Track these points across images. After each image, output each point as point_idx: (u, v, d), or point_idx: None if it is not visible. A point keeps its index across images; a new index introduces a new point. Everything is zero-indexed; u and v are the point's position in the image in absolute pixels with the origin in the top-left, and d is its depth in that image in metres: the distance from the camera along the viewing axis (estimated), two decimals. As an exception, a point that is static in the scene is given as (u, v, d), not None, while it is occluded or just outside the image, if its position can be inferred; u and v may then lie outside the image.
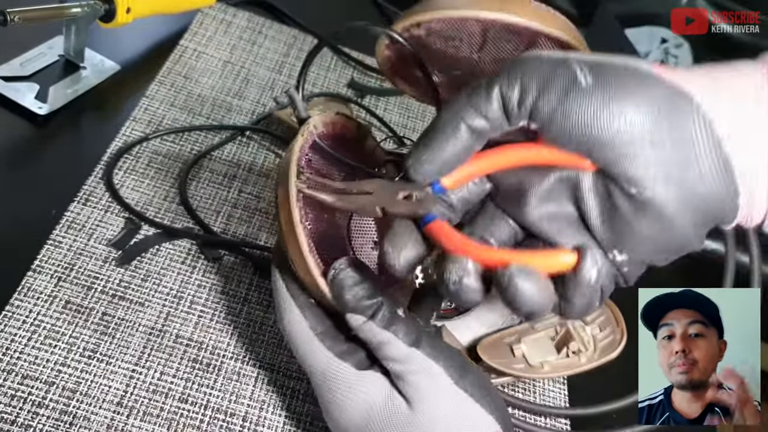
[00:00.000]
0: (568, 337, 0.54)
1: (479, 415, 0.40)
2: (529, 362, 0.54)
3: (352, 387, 0.40)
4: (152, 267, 0.53)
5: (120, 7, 0.64)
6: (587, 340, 0.54)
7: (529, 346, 0.54)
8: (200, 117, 0.66)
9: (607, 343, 0.55)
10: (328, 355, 0.41)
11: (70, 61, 0.66)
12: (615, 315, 0.56)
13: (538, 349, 0.55)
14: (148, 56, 0.71)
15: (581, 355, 0.54)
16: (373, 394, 0.40)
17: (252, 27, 0.79)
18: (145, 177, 0.59)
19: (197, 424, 0.46)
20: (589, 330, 0.55)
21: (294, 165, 0.41)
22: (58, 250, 0.51)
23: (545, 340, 0.55)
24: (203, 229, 0.57)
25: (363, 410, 0.40)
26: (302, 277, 0.41)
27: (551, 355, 0.54)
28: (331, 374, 0.41)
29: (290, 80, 0.75)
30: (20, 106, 0.60)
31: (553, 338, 0.55)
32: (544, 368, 0.54)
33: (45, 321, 0.48)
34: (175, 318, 0.51)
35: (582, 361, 0.54)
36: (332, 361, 0.41)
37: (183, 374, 0.48)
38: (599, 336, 0.55)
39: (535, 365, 0.53)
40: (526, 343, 0.54)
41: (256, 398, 0.49)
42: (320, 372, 0.41)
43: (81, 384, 0.46)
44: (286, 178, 0.40)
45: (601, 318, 0.56)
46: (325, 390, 0.41)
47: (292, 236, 0.40)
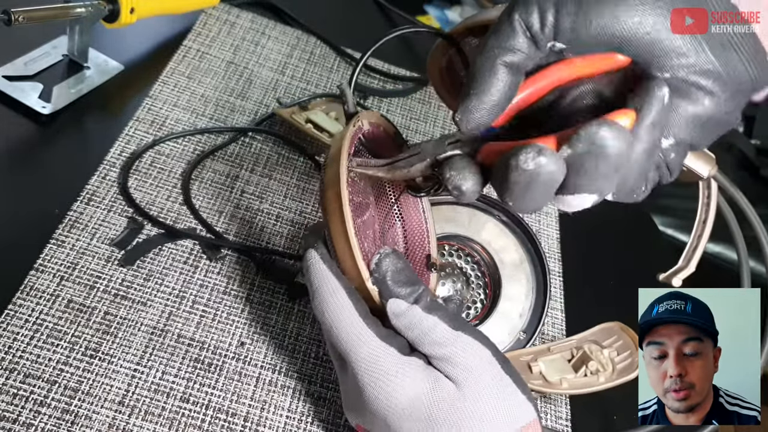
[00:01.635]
0: (585, 359, 0.54)
1: (520, 400, 0.40)
2: (547, 379, 0.53)
3: (398, 372, 0.39)
4: (154, 267, 0.53)
5: (124, 7, 0.64)
6: (605, 361, 0.54)
7: (547, 365, 0.54)
8: (203, 117, 0.66)
9: (625, 366, 0.54)
10: (375, 340, 0.39)
11: (74, 61, 0.66)
12: (633, 340, 0.56)
13: (555, 368, 0.54)
14: (152, 56, 0.71)
15: (600, 374, 0.53)
16: (418, 378, 0.39)
17: (255, 28, 0.79)
18: (148, 177, 0.59)
19: (198, 423, 0.46)
20: (606, 353, 0.55)
21: (346, 147, 0.41)
22: (60, 250, 0.51)
23: (561, 361, 0.55)
24: (206, 230, 0.57)
25: (409, 395, 0.39)
26: (343, 260, 0.40)
27: (569, 373, 0.54)
28: (375, 359, 0.39)
29: (293, 81, 0.75)
30: (24, 106, 0.60)
31: (569, 360, 0.55)
32: (562, 385, 0.53)
33: (47, 320, 0.48)
34: (177, 318, 0.51)
35: (601, 380, 0.53)
36: (378, 346, 0.39)
37: (185, 374, 0.48)
38: (617, 359, 0.55)
39: (553, 382, 0.53)
40: (543, 362, 0.54)
41: (257, 398, 0.49)
42: (363, 358, 0.39)
43: (83, 383, 0.46)
44: (336, 160, 0.40)
45: (619, 343, 0.56)
46: (365, 376, 0.39)
47: (339, 217, 0.39)
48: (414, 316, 0.39)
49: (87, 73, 0.66)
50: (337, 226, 0.40)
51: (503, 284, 0.58)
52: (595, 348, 0.55)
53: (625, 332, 0.57)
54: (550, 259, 0.67)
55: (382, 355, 0.39)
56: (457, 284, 0.57)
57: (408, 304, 0.39)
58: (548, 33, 0.35)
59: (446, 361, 0.39)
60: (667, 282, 0.47)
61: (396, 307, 0.39)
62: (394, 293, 0.39)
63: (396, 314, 0.39)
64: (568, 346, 0.56)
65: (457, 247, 0.58)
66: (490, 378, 0.39)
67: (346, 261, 0.40)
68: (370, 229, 0.46)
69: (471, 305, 0.58)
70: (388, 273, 0.39)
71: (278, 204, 0.62)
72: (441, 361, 0.39)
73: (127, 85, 0.67)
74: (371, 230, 0.46)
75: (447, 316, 0.40)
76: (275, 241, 0.59)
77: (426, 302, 0.39)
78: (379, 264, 0.39)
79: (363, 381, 0.40)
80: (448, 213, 0.59)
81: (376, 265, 0.39)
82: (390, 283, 0.39)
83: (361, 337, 0.39)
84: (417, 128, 0.76)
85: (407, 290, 0.39)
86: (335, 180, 0.40)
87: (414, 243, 0.50)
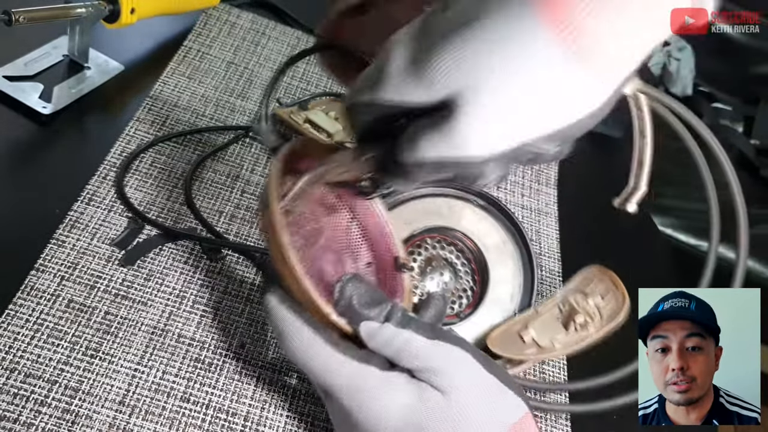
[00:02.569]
0: (572, 312, 0.54)
1: (509, 397, 0.40)
2: (540, 344, 0.54)
3: (382, 389, 0.39)
4: (155, 266, 0.53)
5: (124, 7, 0.64)
6: (591, 310, 0.54)
7: (537, 329, 0.55)
8: (203, 117, 0.66)
9: (611, 309, 0.55)
10: (351, 363, 0.39)
11: (75, 61, 0.66)
12: (613, 280, 0.56)
13: (546, 330, 0.55)
14: (152, 56, 0.71)
15: (589, 325, 0.54)
16: (404, 393, 0.39)
17: (255, 28, 0.79)
18: (149, 177, 0.59)
19: (199, 423, 0.46)
20: (591, 301, 0.55)
21: (274, 191, 0.40)
22: (61, 249, 0.52)
23: (551, 320, 0.56)
24: (207, 230, 0.57)
25: (397, 410, 0.39)
26: (303, 300, 0.40)
27: (560, 333, 0.54)
28: (357, 382, 0.39)
29: (293, 81, 0.75)
30: (24, 106, 0.60)
31: (558, 317, 0.56)
32: (555, 347, 0.54)
33: (48, 320, 0.48)
34: (178, 317, 0.51)
35: (591, 331, 0.54)
36: (356, 368, 0.39)
37: (185, 373, 0.48)
38: (602, 304, 0.55)
39: (546, 346, 0.54)
40: (533, 327, 0.55)
41: (257, 398, 0.49)
42: (344, 384, 0.39)
43: (83, 383, 0.46)
44: (267, 207, 0.40)
45: (600, 286, 0.56)
46: (351, 401, 0.39)
47: (285, 263, 0.39)
48: (387, 333, 0.39)
49: (87, 74, 0.66)
50: (287, 272, 0.39)
51: (490, 268, 0.58)
52: (580, 298, 0.55)
53: (605, 274, 0.57)
54: (550, 259, 0.67)
55: (363, 376, 0.39)
56: (445, 276, 0.58)
57: (379, 324, 0.39)
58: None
59: (428, 372, 0.39)
60: (623, 208, 0.47)
61: (368, 329, 0.39)
62: (363, 316, 0.39)
63: (369, 335, 0.39)
64: (554, 302, 0.57)
65: (439, 238, 0.58)
66: (474, 381, 0.39)
67: (305, 301, 0.40)
68: (329, 251, 0.46)
69: (462, 294, 0.58)
70: (353, 298, 0.39)
71: (278, 204, 0.62)
72: (423, 373, 0.39)
73: (127, 85, 0.67)
74: (331, 252, 0.46)
75: (421, 327, 0.39)
76: (275, 241, 0.59)
77: (397, 318, 0.39)
78: (343, 291, 0.39)
79: (350, 406, 0.39)
80: (425, 206, 0.59)
81: (339, 293, 0.39)
82: (357, 307, 0.39)
83: (337, 365, 0.39)
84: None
85: (376, 311, 0.39)
86: (272, 228, 0.39)
87: (380, 248, 0.49)
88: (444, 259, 0.58)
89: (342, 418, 0.41)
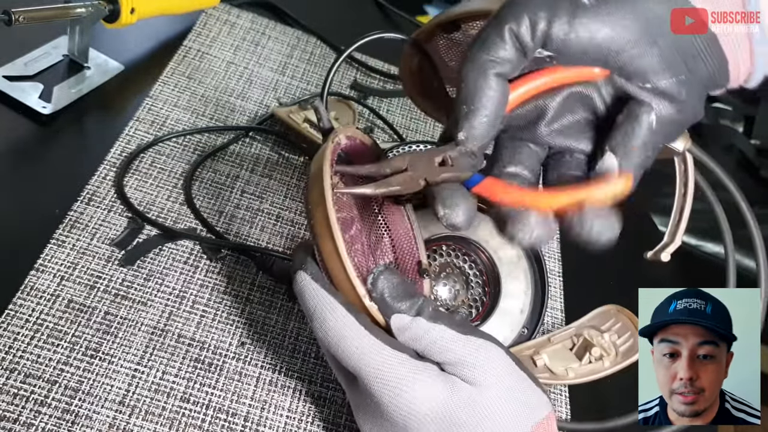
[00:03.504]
0: (587, 345, 0.54)
1: (537, 393, 0.40)
2: (553, 371, 0.53)
3: (415, 378, 0.38)
4: (155, 266, 0.53)
5: (124, 7, 0.64)
6: (607, 346, 0.54)
7: (550, 356, 0.54)
8: (203, 117, 0.66)
9: (627, 348, 0.54)
10: (386, 349, 0.38)
11: (74, 61, 0.66)
12: (631, 320, 0.56)
13: (559, 358, 0.54)
14: (152, 56, 0.71)
15: (604, 359, 0.53)
16: (436, 384, 0.39)
17: (255, 28, 0.79)
18: (149, 177, 0.59)
19: (199, 423, 0.46)
20: (607, 337, 0.54)
21: (328, 165, 0.40)
22: (61, 250, 0.52)
23: (564, 350, 0.55)
24: (207, 230, 0.57)
25: (428, 400, 0.38)
26: (338, 281, 0.39)
27: (574, 362, 0.54)
28: (390, 369, 0.38)
29: (293, 81, 0.75)
30: (24, 106, 0.60)
31: (571, 349, 0.55)
32: (569, 375, 0.53)
33: (48, 320, 0.48)
34: (178, 318, 0.51)
35: (606, 365, 0.53)
36: (391, 354, 0.38)
37: (185, 374, 0.48)
38: (618, 342, 0.54)
39: (559, 373, 0.53)
40: (546, 354, 0.54)
41: (257, 398, 0.49)
42: (377, 368, 0.38)
43: (83, 383, 0.46)
44: (320, 180, 0.39)
45: (618, 325, 0.56)
46: (382, 388, 0.38)
47: (329, 238, 0.38)
48: (419, 327, 0.39)
49: (87, 73, 0.66)
50: (329, 247, 0.39)
51: (502, 282, 0.58)
52: (594, 333, 0.55)
53: (622, 314, 0.57)
54: (551, 259, 0.67)
55: (396, 362, 0.38)
56: (457, 285, 0.57)
57: (411, 317, 0.39)
58: (537, 43, 0.36)
59: (461, 365, 0.39)
60: (656, 259, 0.47)
61: (399, 321, 0.39)
62: (394, 309, 0.39)
63: (400, 329, 0.39)
64: (568, 334, 0.56)
65: (454, 247, 0.58)
66: (506, 375, 0.39)
67: (341, 281, 0.39)
68: (358, 242, 0.46)
69: (472, 304, 0.58)
70: (385, 290, 0.39)
71: (278, 204, 0.62)
72: (455, 366, 0.39)
73: (127, 85, 0.67)
74: (359, 244, 0.46)
75: (453, 322, 0.39)
76: (275, 241, 0.59)
77: (429, 312, 0.39)
78: (375, 283, 0.39)
79: (379, 391, 0.39)
80: None
81: (372, 285, 0.39)
82: (389, 299, 0.39)
83: (371, 348, 0.38)
84: (417, 128, 0.76)
85: (407, 304, 0.39)
86: (321, 201, 0.39)
87: (403, 251, 0.49)
88: (457, 267, 0.58)
89: (366, 405, 0.41)
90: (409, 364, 0.38)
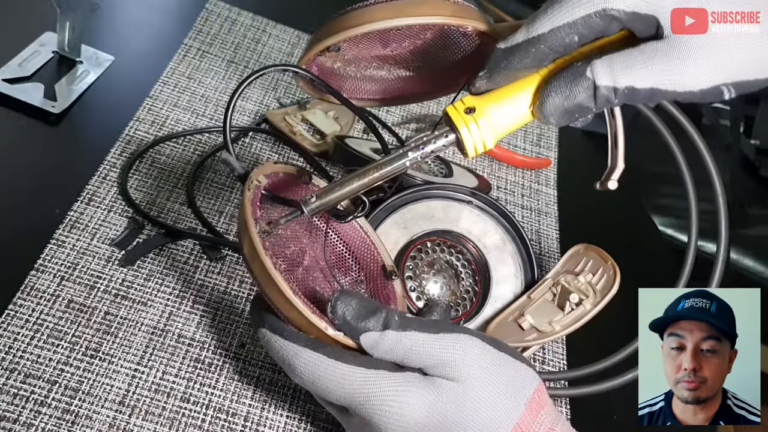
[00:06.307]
0: (565, 293, 0.55)
1: (522, 369, 0.40)
2: (539, 329, 0.54)
3: (396, 390, 0.38)
4: (155, 267, 0.53)
5: None
6: (584, 288, 0.55)
7: (533, 315, 0.55)
8: (203, 117, 0.66)
9: (603, 283, 0.55)
10: (361, 371, 0.38)
11: (65, 57, 0.65)
12: (601, 255, 0.57)
13: (542, 314, 0.55)
14: (152, 55, 0.71)
15: (585, 303, 0.54)
16: (420, 390, 0.39)
17: (256, 26, 0.79)
18: (149, 177, 0.59)
19: (199, 423, 0.46)
20: (582, 278, 0.56)
21: (250, 216, 0.40)
22: (61, 250, 0.51)
23: (546, 304, 0.56)
24: (207, 230, 0.57)
25: (417, 409, 0.38)
26: (297, 322, 0.40)
27: (557, 314, 0.55)
28: (370, 388, 0.38)
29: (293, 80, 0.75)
30: (29, 106, 0.60)
31: (552, 300, 0.56)
32: (555, 329, 0.54)
33: (48, 320, 0.48)
34: (178, 318, 0.51)
35: (587, 308, 0.54)
36: (368, 374, 0.38)
37: (185, 374, 0.48)
38: (594, 280, 0.56)
39: (546, 330, 0.54)
40: (529, 314, 0.55)
41: (257, 398, 0.49)
42: (358, 392, 0.38)
43: (83, 383, 0.46)
44: (247, 233, 0.40)
45: (590, 263, 0.57)
46: (369, 409, 0.39)
47: (273, 287, 0.39)
48: (390, 340, 0.39)
49: (81, 68, 0.65)
50: (276, 295, 0.39)
51: (491, 268, 0.58)
52: (570, 278, 0.56)
53: (591, 250, 0.58)
54: (550, 259, 0.67)
55: (376, 380, 0.39)
56: (447, 279, 0.58)
57: (379, 332, 0.39)
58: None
59: (441, 366, 0.39)
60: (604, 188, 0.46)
61: (369, 340, 0.39)
62: (360, 330, 0.39)
63: (372, 347, 0.39)
64: (546, 286, 0.57)
65: (439, 241, 0.58)
66: (488, 363, 0.39)
67: (300, 322, 0.39)
68: (316, 270, 0.46)
69: (465, 295, 0.58)
70: (346, 314, 0.39)
71: (278, 204, 0.62)
72: (435, 368, 0.39)
73: (127, 85, 0.67)
74: (317, 271, 0.46)
75: (422, 325, 0.39)
76: (275, 241, 0.59)
77: (396, 322, 0.39)
78: (334, 310, 0.39)
79: (369, 414, 0.39)
80: (422, 210, 0.59)
81: (331, 313, 0.39)
82: (353, 322, 0.39)
83: (346, 377, 0.38)
84: (417, 128, 0.76)
85: (372, 321, 0.39)
86: (253, 253, 0.39)
87: (366, 260, 0.49)
88: (445, 261, 0.58)
89: (359, 426, 0.41)
90: (388, 379, 0.39)
